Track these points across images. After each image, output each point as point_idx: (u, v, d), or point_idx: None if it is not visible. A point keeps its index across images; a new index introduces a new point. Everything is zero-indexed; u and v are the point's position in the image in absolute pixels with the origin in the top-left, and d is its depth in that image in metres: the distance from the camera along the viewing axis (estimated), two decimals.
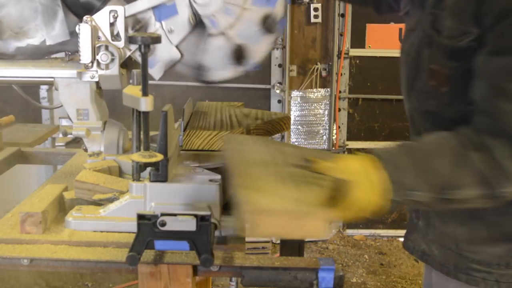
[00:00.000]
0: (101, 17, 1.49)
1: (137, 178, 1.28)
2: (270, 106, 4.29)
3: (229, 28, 1.54)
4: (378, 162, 1.13)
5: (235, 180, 1.12)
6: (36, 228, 1.26)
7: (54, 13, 1.58)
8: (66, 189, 1.44)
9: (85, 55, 1.47)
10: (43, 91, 4.18)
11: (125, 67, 1.57)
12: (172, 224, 1.08)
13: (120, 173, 1.49)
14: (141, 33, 1.24)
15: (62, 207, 1.39)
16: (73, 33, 1.59)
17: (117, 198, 1.31)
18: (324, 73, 4.27)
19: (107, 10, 1.49)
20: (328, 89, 4.29)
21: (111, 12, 1.49)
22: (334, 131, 4.35)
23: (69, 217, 1.30)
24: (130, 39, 1.21)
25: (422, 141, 1.23)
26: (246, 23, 1.56)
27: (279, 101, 4.26)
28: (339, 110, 4.35)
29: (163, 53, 1.57)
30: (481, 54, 1.19)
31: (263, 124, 1.72)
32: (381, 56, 4.27)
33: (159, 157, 1.21)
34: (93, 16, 1.48)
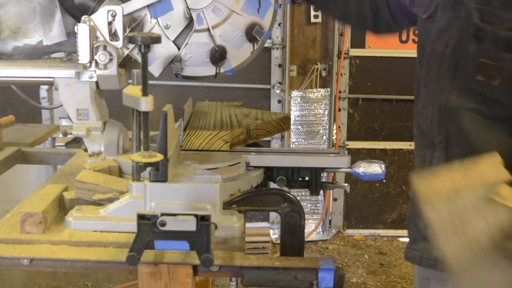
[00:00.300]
0: (99, 17, 1.49)
1: (137, 178, 1.28)
2: (270, 106, 4.28)
3: (214, 28, 1.56)
4: None
5: None
6: (36, 228, 1.26)
7: (52, 14, 1.58)
8: (66, 189, 1.44)
9: (83, 55, 1.47)
10: (43, 91, 4.18)
11: (124, 67, 1.57)
12: (172, 224, 1.07)
13: (120, 173, 1.49)
14: (141, 33, 1.24)
15: (62, 207, 1.39)
16: (70, 34, 1.59)
17: (117, 198, 1.31)
18: (324, 73, 4.27)
19: (105, 10, 1.49)
20: (328, 89, 4.28)
21: (109, 12, 1.49)
22: (334, 131, 4.35)
23: (69, 217, 1.30)
24: (130, 39, 1.21)
25: None
26: (231, 26, 1.57)
27: (279, 101, 4.26)
28: (339, 110, 4.34)
29: (161, 50, 1.57)
30: None
31: (263, 124, 1.72)
32: (381, 56, 4.26)
33: (159, 157, 1.21)
34: (91, 16, 1.48)
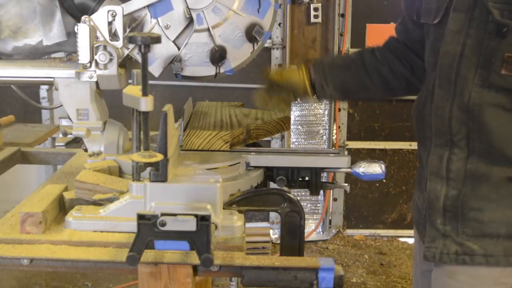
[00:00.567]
0: (99, 17, 1.49)
1: (137, 178, 1.28)
2: None
3: (214, 28, 1.56)
4: None
5: None
6: (36, 228, 1.26)
7: (52, 14, 1.58)
8: (66, 189, 1.44)
9: (83, 55, 1.47)
10: (43, 91, 4.17)
11: (124, 67, 1.57)
12: (172, 224, 1.07)
13: (120, 173, 1.49)
14: (141, 33, 1.24)
15: (62, 207, 1.39)
16: (70, 34, 1.59)
17: (117, 198, 1.31)
18: None
19: (105, 10, 1.49)
20: None
21: (109, 12, 1.49)
22: (334, 131, 4.34)
23: (69, 217, 1.30)
24: (130, 39, 1.21)
25: None
26: (231, 27, 1.57)
27: None
28: (339, 110, 4.34)
29: (161, 50, 1.57)
30: None
31: (263, 124, 1.72)
32: None
33: (159, 157, 1.21)
34: (91, 16, 1.48)
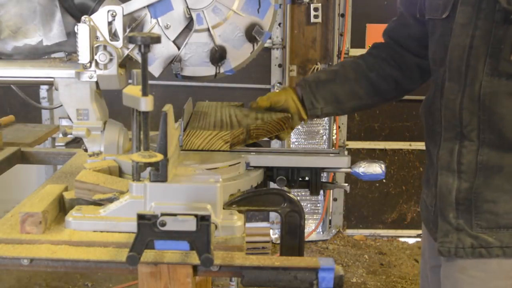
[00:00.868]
0: (99, 17, 1.49)
1: (137, 178, 1.28)
2: None
3: (214, 28, 1.56)
4: None
5: None
6: (36, 228, 1.26)
7: (52, 14, 1.58)
8: (66, 189, 1.43)
9: (83, 55, 1.47)
10: (43, 91, 4.18)
11: (124, 67, 1.57)
12: (172, 224, 1.07)
13: (120, 173, 1.48)
14: (141, 33, 1.24)
15: (62, 207, 1.39)
16: (70, 34, 1.59)
17: (117, 198, 1.31)
18: None
19: (105, 10, 1.49)
20: None
21: (109, 12, 1.49)
22: (334, 131, 4.34)
23: (69, 217, 1.30)
24: (130, 39, 1.21)
25: None
26: (231, 27, 1.57)
27: None
28: None
29: (161, 50, 1.57)
30: None
31: (263, 124, 1.72)
32: None
33: (159, 157, 1.21)
34: (91, 16, 1.48)
